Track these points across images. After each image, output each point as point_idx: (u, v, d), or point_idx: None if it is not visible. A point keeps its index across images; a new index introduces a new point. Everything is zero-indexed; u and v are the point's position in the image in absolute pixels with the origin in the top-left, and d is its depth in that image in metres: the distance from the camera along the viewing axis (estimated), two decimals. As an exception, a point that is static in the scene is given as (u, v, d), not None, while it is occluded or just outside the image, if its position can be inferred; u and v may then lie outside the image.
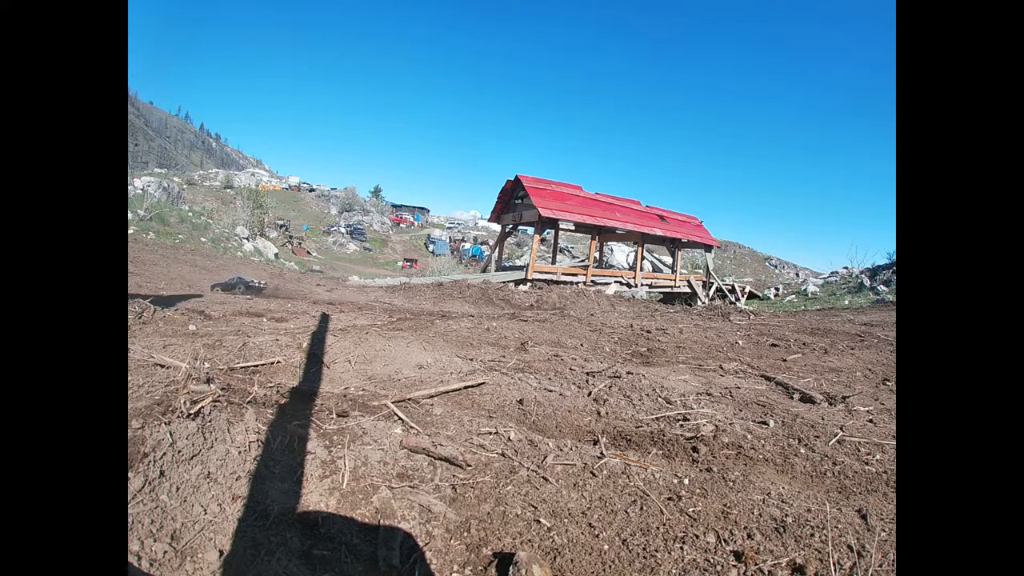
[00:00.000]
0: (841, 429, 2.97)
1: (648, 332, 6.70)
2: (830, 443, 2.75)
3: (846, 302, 18.56)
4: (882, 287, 19.83)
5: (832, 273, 26.13)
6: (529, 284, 16.11)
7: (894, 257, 22.17)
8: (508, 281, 15.95)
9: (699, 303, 19.61)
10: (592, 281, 17.82)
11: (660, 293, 20.71)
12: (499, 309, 10.38)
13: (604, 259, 27.33)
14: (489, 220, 21.87)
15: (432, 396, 3.19)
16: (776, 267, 46.86)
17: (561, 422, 2.96)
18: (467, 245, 46.46)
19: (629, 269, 22.91)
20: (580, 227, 18.24)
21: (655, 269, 25.34)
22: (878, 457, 2.61)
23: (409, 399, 3.06)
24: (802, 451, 2.65)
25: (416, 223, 65.88)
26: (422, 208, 73.08)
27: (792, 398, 3.72)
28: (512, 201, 19.57)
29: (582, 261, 26.87)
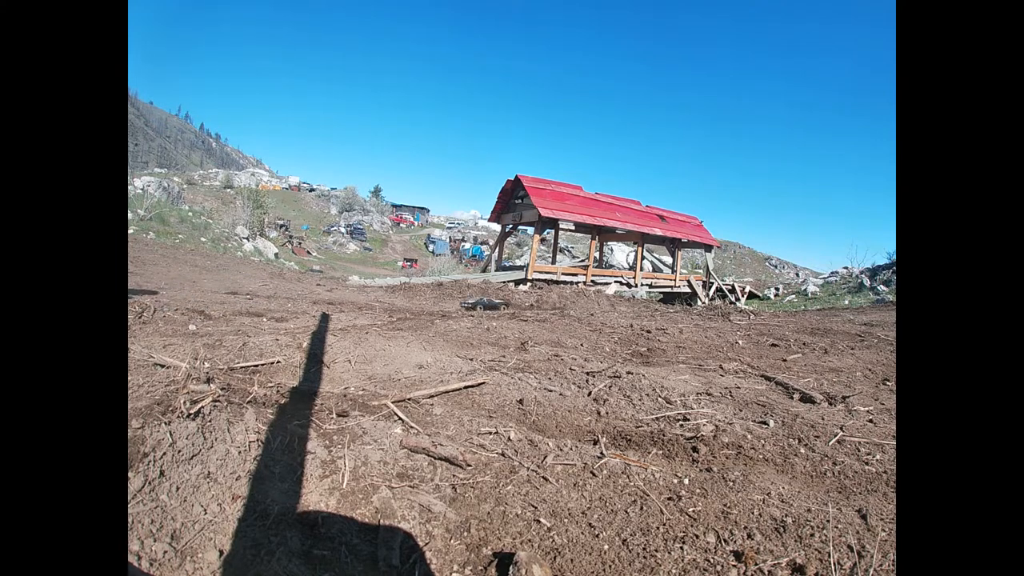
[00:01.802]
0: (841, 429, 2.97)
1: (648, 332, 6.70)
2: (830, 443, 2.75)
3: (846, 302, 18.56)
4: (882, 287, 19.84)
5: (832, 273, 26.14)
6: (529, 284, 16.11)
7: (894, 257, 22.17)
8: (508, 281, 15.95)
9: (699, 303, 19.61)
10: (592, 281, 17.83)
11: (660, 293, 20.72)
12: (499, 309, 10.37)
13: (604, 259, 27.32)
14: (489, 220, 21.89)
15: (432, 396, 3.19)
16: (776, 267, 46.85)
17: (561, 422, 2.96)
18: (467, 245, 46.41)
19: (629, 269, 22.91)
20: (580, 227, 18.24)
21: (655, 269, 25.34)
22: (878, 457, 2.61)
23: (409, 399, 3.06)
24: (802, 451, 2.65)
25: (416, 223, 65.91)
26: (422, 208, 73.13)
27: (792, 398, 3.73)
28: (512, 201, 19.58)
29: (582, 261, 26.86)
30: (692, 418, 3.00)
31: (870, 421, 3.22)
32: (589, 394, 3.37)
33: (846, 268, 24.87)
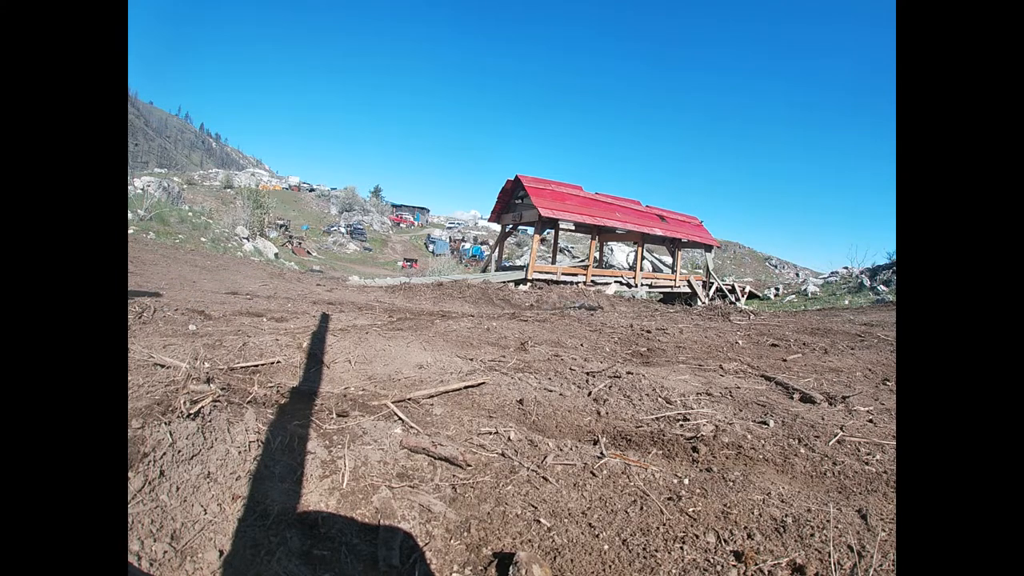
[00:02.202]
0: (841, 429, 2.96)
1: (648, 332, 6.70)
2: (830, 443, 2.75)
3: (846, 302, 18.55)
4: (882, 287, 19.84)
5: (832, 273, 26.14)
6: (529, 284, 16.11)
7: (894, 257, 22.17)
8: (508, 281, 15.95)
9: (699, 303, 19.59)
10: (592, 281, 17.82)
11: (660, 293, 20.70)
12: (499, 309, 10.38)
13: (604, 259, 27.32)
14: (489, 220, 21.88)
15: (432, 396, 3.19)
16: (776, 267, 46.84)
17: (561, 422, 2.96)
18: (467, 245, 46.29)
19: (629, 269, 22.90)
20: (580, 227, 18.23)
21: (655, 269, 25.33)
22: (878, 457, 2.61)
23: (409, 399, 3.06)
24: (802, 451, 2.64)
25: (416, 223, 65.81)
26: (422, 208, 73.05)
27: (792, 398, 3.72)
28: (512, 201, 19.58)
29: (582, 261, 26.86)
30: (692, 418, 3.00)
31: (870, 421, 3.22)
32: (589, 394, 3.36)
33: (846, 268, 24.86)
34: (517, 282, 16.18)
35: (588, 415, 3.06)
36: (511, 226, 20.60)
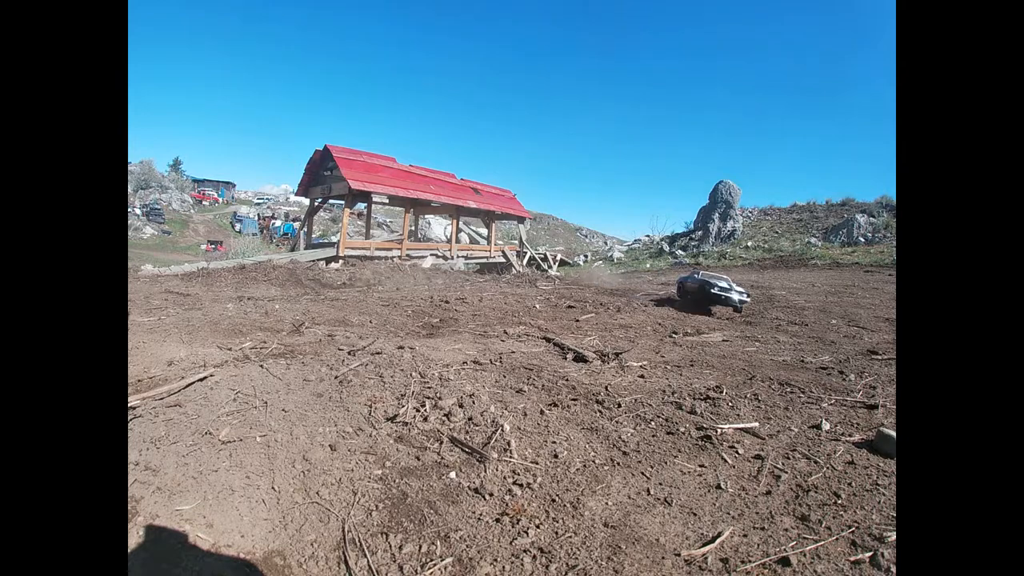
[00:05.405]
0: (606, 389, 3.04)
1: (446, 302, 6.62)
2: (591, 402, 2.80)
3: (647, 265, 20.58)
4: (680, 251, 22.35)
5: (635, 240, 28.90)
6: (341, 261, 15.26)
7: (691, 226, 25.05)
8: (318, 259, 14.98)
9: (514, 271, 20.26)
10: (408, 255, 17.45)
11: (477, 264, 21.00)
12: (307, 290, 9.64)
13: (422, 233, 27.03)
14: (297, 194, 20.27)
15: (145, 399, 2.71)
16: (587, 236, 50.40)
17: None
18: (278, 223, 42.38)
19: (447, 242, 22.91)
20: (394, 200, 17.66)
21: (472, 241, 25.55)
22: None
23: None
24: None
25: (221, 200, 58.83)
26: (227, 182, 65.41)
27: (566, 358, 3.82)
28: (321, 173, 18.29)
29: (400, 235, 26.27)
30: (444, 397, 2.82)
31: (641, 376, 3.37)
32: (336, 377, 3.08)
33: (648, 236, 27.62)
34: (328, 260, 15.25)
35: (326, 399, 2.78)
36: (320, 200, 19.28)
